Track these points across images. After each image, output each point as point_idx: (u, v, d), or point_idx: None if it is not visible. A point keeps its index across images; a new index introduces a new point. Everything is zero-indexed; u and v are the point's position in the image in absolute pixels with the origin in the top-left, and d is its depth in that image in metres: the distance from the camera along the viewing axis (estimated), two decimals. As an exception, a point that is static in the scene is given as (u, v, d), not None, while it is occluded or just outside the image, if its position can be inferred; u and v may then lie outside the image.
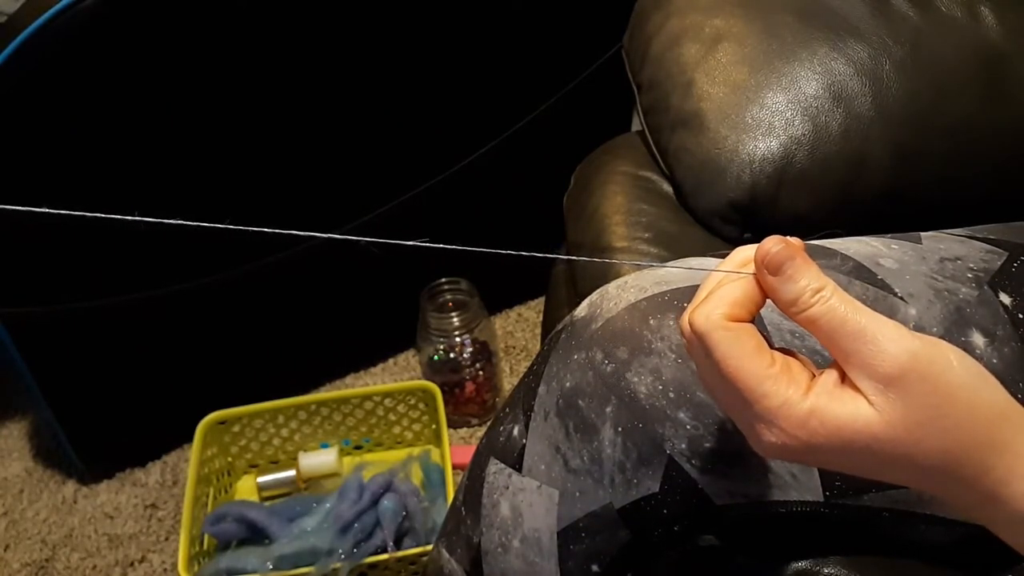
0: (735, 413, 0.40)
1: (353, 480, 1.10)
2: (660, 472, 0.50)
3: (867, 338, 0.36)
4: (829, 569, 0.54)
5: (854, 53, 0.78)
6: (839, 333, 0.37)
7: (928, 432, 0.36)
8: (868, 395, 0.36)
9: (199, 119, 1.05)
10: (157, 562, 1.17)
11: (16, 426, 1.36)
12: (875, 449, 0.37)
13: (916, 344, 0.36)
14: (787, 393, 0.37)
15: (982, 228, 0.61)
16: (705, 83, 0.81)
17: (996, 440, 0.36)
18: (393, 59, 1.12)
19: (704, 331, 0.39)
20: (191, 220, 0.39)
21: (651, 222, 0.86)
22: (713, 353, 0.38)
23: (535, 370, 0.55)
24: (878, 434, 0.36)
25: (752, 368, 0.38)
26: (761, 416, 0.38)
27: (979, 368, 0.37)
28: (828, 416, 0.37)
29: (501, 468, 0.55)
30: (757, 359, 0.38)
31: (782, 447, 0.38)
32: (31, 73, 0.93)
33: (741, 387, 0.38)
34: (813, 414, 0.37)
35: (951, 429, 0.36)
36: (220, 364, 1.26)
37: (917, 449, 0.36)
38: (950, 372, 0.36)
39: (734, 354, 0.38)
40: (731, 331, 0.38)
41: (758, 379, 0.38)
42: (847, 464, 0.38)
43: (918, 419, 0.36)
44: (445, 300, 1.30)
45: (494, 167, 1.27)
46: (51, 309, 1.10)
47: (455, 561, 0.58)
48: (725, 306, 0.39)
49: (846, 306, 0.37)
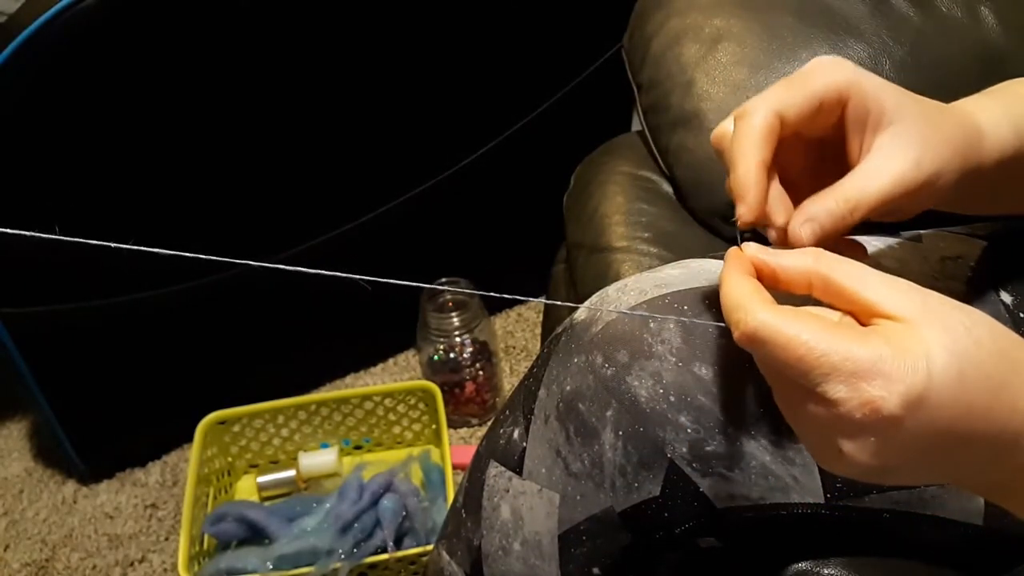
0: (827, 401, 0.36)
1: (353, 480, 1.10)
2: (661, 475, 0.50)
3: (879, 281, 0.37)
4: (830, 570, 0.54)
5: (854, 53, 0.78)
6: (851, 283, 0.37)
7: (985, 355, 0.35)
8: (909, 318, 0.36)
9: (199, 119, 1.05)
10: (157, 562, 1.17)
11: (16, 426, 1.36)
12: (972, 377, 0.35)
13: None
14: (887, 335, 0.35)
15: (982, 226, 0.61)
16: (705, 83, 0.81)
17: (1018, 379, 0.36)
18: (393, 59, 1.11)
19: (758, 336, 0.36)
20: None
21: (651, 222, 0.86)
22: (774, 343, 0.36)
23: (535, 373, 0.55)
24: (971, 355, 0.35)
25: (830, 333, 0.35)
26: (865, 371, 0.34)
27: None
28: (935, 344, 0.34)
29: (501, 471, 0.55)
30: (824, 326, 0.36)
31: (901, 400, 0.34)
32: (31, 73, 0.93)
33: (828, 351, 0.35)
34: (923, 341, 0.35)
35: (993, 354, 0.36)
36: (220, 364, 1.26)
37: (989, 382, 0.35)
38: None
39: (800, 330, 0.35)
40: (778, 314, 0.36)
41: (846, 339, 0.35)
42: (960, 405, 0.35)
43: (977, 334, 0.35)
44: (445, 300, 1.30)
45: (494, 167, 1.27)
46: (51, 309, 1.10)
47: (455, 563, 0.58)
48: (755, 304, 0.37)
49: (844, 263, 0.38)
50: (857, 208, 0.42)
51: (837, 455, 0.37)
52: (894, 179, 0.42)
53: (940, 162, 0.43)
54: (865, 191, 0.42)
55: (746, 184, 0.42)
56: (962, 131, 0.45)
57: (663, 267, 0.56)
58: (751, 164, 0.42)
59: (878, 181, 0.42)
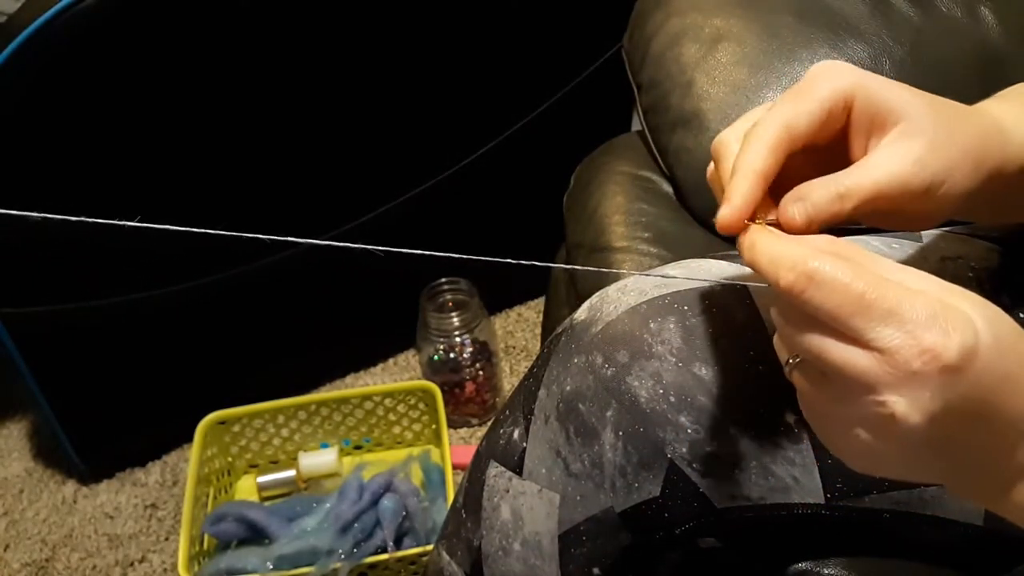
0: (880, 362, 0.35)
1: (353, 480, 1.10)
2: (661, 476, 0.50)
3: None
4: (829, 570, 0.54)
5: (854, 53, 0.78)
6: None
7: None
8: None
9: (199, 119, 1.05)
10: (157, 562, 1.17)
11: (16, 426, 1.36)
12: (1007, 345, 0.35)
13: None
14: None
15: (983, 227, 0.61)
16: (705, 83, 0.81)
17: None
18: (393, 59, 1.11)
19: (817, 276, 0.36)
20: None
21: (651, 222, 0.86)
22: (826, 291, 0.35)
23: (535, 373, 0.55)
24: (1003, 324, 0.35)
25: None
26: (923, 319, 0.34)
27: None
28: (970, 310, 0.35)
29: (501, 471, 0.55)
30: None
31: (960, 349, 0.34)
32: (31, 73, 0.93)
33: (884, 295, 0.35)
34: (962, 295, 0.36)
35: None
36: (220, 364, 1.26)
37: (1020, 356, 0.36)
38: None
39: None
40: (834, 258, 0.36)
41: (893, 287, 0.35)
42: (999, 371, 0.35)
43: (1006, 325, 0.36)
44: (445, 300, 1.30)
45: (494, 167, 1.27)
46: (51, 309, 1.10)
47: (455, 564, 0.58)
48: (806, 249, 0.37)
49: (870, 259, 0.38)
50: (848, 196, 0.41)
51: (861, 440, 0.36)
52: (891, 174, 0.41)
53: (947, 163, 0.42)
54: (860, 181, 0.41)
55: (736, 187, 0.41)
56: (980, 132, 0.43)
57: (663, 267, 0.56)
58: (749, 170, 0.41)
59: (875, 174, 0.41)
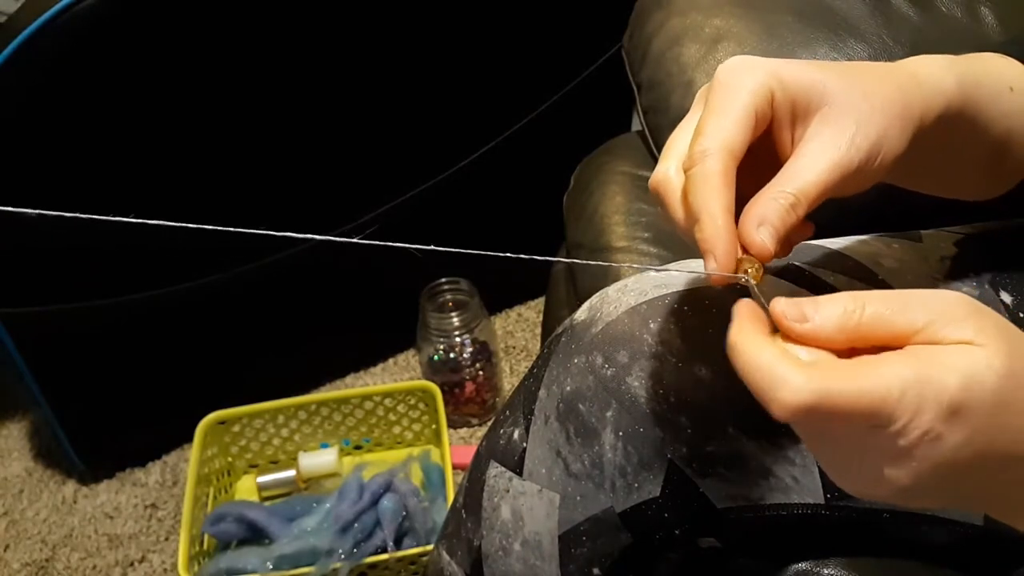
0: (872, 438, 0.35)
1: (353, 480, 1.10)
2: (661, 476, 0.50)
3: (923, 299, 0.35)
4: (829, 570, 0.54)
5: (854, 53, 0.78)
6: (895, 314, 0.35)
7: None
8: (968, 339, 0.34)
9: (199, 119, 1.05)
10: (157, 562, 1.17)
11: (16, 426, 1.36)
12: (1008, 388, 0.34)
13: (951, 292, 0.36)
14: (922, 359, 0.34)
15: (983, 226, 0.61)
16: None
17: None
18: (393, 59, 1.12)
19: (819, 408, 0.34)
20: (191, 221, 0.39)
21: (651, 222, 0.86)
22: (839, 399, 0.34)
23: (535, 373, 0.55)
24: (1002, 368, 0.34)
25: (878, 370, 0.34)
26: (906, 406, 0.33)
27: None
28: (969, 369, 0.34)
29: (501, 471, 0.55)
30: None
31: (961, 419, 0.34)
32: (31, 73, 0.93)
33: (873, 399, 0.33)
34: (953, 369, 0.34)
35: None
36: (220, 364, 1.26)
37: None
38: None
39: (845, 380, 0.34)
40: (826, 376, 0.34)
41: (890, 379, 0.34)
42: (997, 426, 0.34)
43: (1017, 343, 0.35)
44: (445, 300, 1.30)
45: (494, 167, 1.27)
46: (51, 309, 1.10)
47: (455, 564, 0.58)
48: (794, 374, 0.35)
49: (875, 295, 0.36)
50: (799, 204, 0.40)
51: (878, 479, 0.36)
52: (832, 163, 0.40)
53: (877, 133, 0.40)
54: (805, 185, 0.40)
55: (714, 239, 0.39)
56: (899, 87, 0.42)
57: (663, 267, 0.56)
58: (716, 217, 0.39)
59: (814, 170, 0.40)
